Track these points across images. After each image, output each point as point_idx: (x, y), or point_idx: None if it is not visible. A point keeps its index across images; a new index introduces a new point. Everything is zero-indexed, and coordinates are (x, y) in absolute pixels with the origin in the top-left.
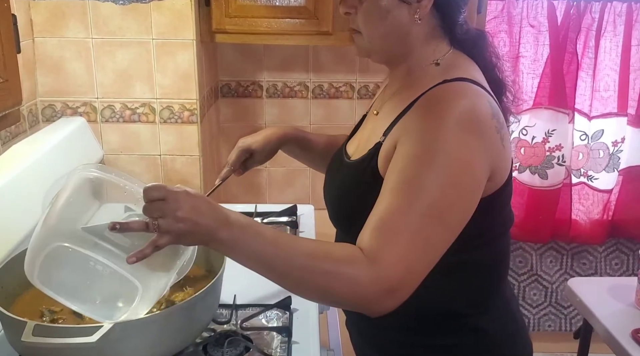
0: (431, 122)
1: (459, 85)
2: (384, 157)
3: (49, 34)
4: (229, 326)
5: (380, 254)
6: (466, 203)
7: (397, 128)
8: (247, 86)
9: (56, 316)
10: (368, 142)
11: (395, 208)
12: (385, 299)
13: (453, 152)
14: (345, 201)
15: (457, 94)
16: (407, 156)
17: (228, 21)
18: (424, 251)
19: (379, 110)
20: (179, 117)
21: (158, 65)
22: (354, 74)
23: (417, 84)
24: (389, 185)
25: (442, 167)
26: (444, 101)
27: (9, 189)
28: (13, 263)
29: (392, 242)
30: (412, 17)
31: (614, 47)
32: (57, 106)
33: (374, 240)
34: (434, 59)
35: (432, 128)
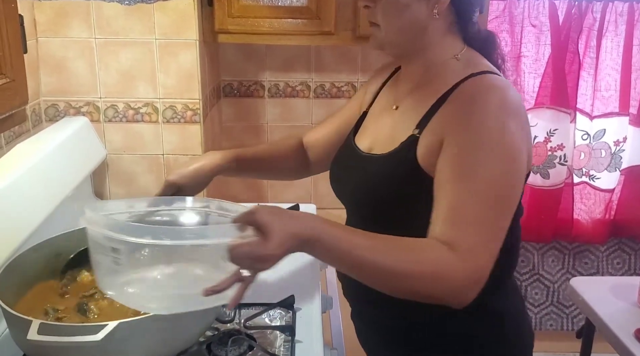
0: (476, 114)
1: (490, 77)
2: (426, 150)
3: (53, 34)
4: (233, 325)
5: (467, 247)
6: (519, 187)
7: (435, 122)
8: (249, 85)
9: (60, 315)
10: (394, 136)
11: (466, 199)
12: (474, 289)
13: (503, 139)
14: (378, 194)
15: (492, 86)
16: (463, 149)
17: (230, 21)
18: (499, 237)
19: (397, 104)
20: (182, 116)
21: (161, 65)
22: (355, 73)
23: (440, 77)
24: (448, 178)
25: (497, 155)
26: (482, 93)
27: (12, 189)
28: (17, 262)
29: (474, 233)
30: (430, 13)
31: (616, 46)
32: (60, 105)
33: (457, 234)
34: (451, 54)
35: (479, 120)
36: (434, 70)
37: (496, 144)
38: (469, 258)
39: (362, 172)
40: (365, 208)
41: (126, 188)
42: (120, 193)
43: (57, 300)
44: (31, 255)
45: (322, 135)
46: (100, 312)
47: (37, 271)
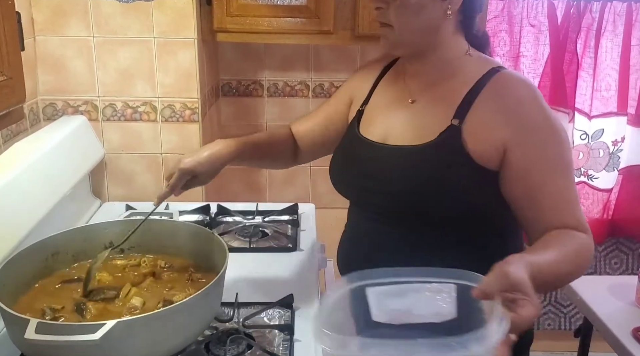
0: (534, 110)
1: (514, 71)
2: (475, 138)
3: (51, 33)
4: (231, 324)
5: (585, 224)
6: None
7: (477, 113)
8: (248, 84)
9: (58, 314)
10: (425, 127)
11: (566, 185)
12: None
13: (558, 125)
14: (427, 183)
15: (523, 80)
16: (542, 146)
17: (229, 20)
18: None
19: (413, 98)
20: (181, 116)
21: (159, 64)
22: None
23: (460, 72)
24: (543, 174)
25: (562, 140)
26: (522, 88)
27: (10, 188)
28: (15, 261)
29: (579, 210)
30: (444, 12)
31: (614, 46)
32: (58, 104)
33: (576, 217)
34: (461, 51)
35: (540, 115)
36: (450, 66)
37: (558, 130)
38: (589, 231)
39: (397, 164)
40: (406, 200)
41: (124, 187)
42: (118, 192)
43: (54, 300)
44: (29, 254)
45: (309, 127)
46: (97, 312)
47: (35, 271)
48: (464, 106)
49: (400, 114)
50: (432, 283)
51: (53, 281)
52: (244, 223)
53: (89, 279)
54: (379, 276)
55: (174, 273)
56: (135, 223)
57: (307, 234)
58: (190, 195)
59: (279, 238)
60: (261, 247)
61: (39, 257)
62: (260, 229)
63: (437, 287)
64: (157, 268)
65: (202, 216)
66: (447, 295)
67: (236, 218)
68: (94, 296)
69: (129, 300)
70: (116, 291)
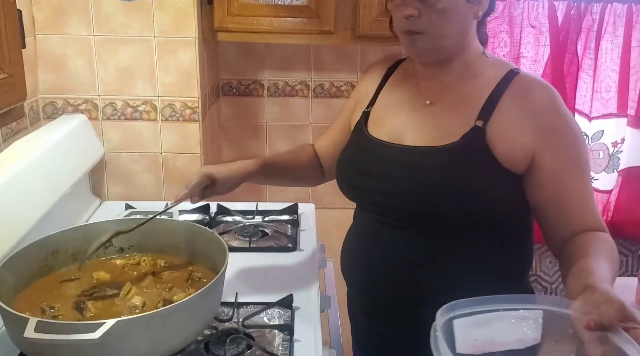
0: (558, 116)
1: (534, 75)
2: (499, 140)
3: (51, 31)
4: (231, 324)
5: (604, 226)
6: None
7: (501, 116)
8: (248, 84)
9: (56, 313)
10: (444, 128)
11: (588, 188)
12: None
13: (578, 128)
14: (453, 184)
15: (545, 83)
16: (569, 151)
17: (230, 19)
18: None
19: (431, 100)
20: (181, 115)
21: (160, 63)
22: (354, 73)
23: (480, 73)
24: (571, 177)
25: (583, 143)
26: (545, 90)
27: (9, 187)
28: (14, 260)
29: (599, 213)
30: (474, 15)
31: (615, 48)
32: (58, 103)
33: (599, 218)
34: (478, 52)
35: (564, 121)
36: (469, 68)
37: (579, 134)
38: (607, 229)
39: (418, 165)
40: (428, 201)
41: (124, 186)
42: (118, 191)
43: (53, 298)
44: (28, 253)
45: (330, 141)
46: (96, 311)
47: (34, 269)
48: (488, 108)
49: (416, 115)
50: (518, 310)
51: (53, 279)
52: (243, 223)
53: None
54: (466, 306)
55: (174, 272)
56: (134, 222)
57: (307, 234)
58: None
59: (279, 237)
60: (261, 247)
61: (39, 256)
62: (260, 229)
63: (522, 314)
64: (156, 268)
65: (202, 215)
66: (533, 321)
67: (236, 217)
68: (94, 295)
69: (129, 299)
70: (116, 290)
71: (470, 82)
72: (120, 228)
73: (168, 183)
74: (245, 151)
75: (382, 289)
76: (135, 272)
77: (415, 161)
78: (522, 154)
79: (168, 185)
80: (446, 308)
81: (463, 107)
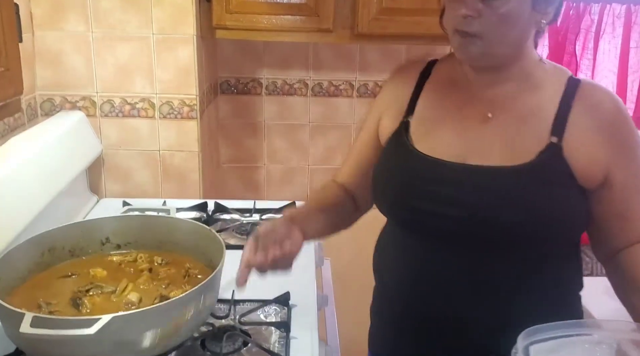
0: (626, 120)
1: (595, 82)
2: (578, 157)
3: (49, 27)
4: (228, 321)
5: None
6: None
7: (576, 130)
8: (247, 82)
9: (53, 309)
10: (515, 145)
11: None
12: None
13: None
14: (528, 211)
15: (609, 91)
16: (634, 158)
17: (229, 17)
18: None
19: (492, 113)
20: (179, 112)
21: (158, 60)
22: (353, 72)
23: (543, 83)
24: (633, 185)
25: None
26: (611, 100)
27: (6, 183)
28: (11, 256)
29: None
30: (537, 24)
31: (613, 48)
32: (56, 99)
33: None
34: (535, 58)
35: (629, 129)
36: (532, 76)
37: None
38: None
39: (487, 188)
40: (503, 227)
41: (121, 184)
42: (115, 188)
43: (50, 294)
44: (25, 249)
45: (352, 168)
46: (93, 307)
47: (31, 265)
48: (559, 122)
49: (478, 130)
50: (592, 336)
51: (49, 276)
52: (241, 221)
53: None
54: (546, 331)
55: (171, 269)
56: (133, 218)
57: None
58: (188, 192)
59: None
60: None
61: (36, 252)
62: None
63: (597, 339)
64: (153, 264)
65: (200, 213)
66: (607, 346)
67: (233, 215)
68: (90, 292)
69: (126, 295)
70: (113, 286)
71: (534, 94)
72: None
73: (165, 180)
74: (243, 150)
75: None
76: (132, 269)
77: (487, 183)
78: (598, 170)
79: (165, 182)
80: (527, 333)
81: (531, 122)
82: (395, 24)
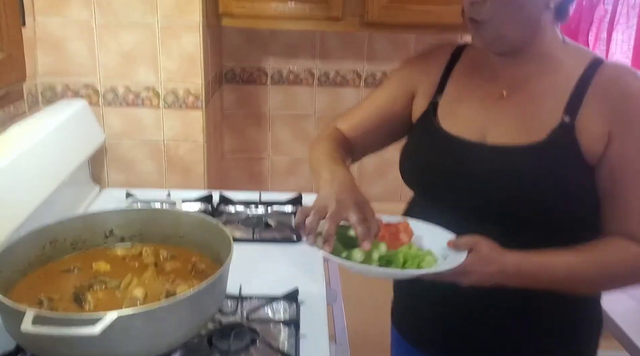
0: (635, 98)
1: (620, 64)
2: (589, 137)
3: (51, 13)
4: (235, 318)
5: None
6: None
7: (590, 109)
8: (252, 72)
9: (55, 305)
10: (528, 124)
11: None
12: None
13: None
14: (541, 187)
15: (634, 73)
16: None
17: (235, 4)
18: None
19: (507, 91)
20: (184, 102)
21: (163, 48)
22: (361, 61)
23: (562, 65)
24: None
25: None
26: (634, 81)
27: (6, 173)
28: (11, 249)
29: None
30: (545, 4)
31: (627, 39)
32: (57, 87)
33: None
34: (558, 40)
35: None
36: (549, 59)
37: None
38: None
39: (501, 166)
40: (516, 205)
41: (125, 174)
42: (118, 179)
43: (52, 289)
44: (26, 242)
45: (360, 120)
46: (96, 303)
47: (32, 259)
48: (574, 102)
49: (496, 110)
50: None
51: (51, 269)
52: (247, 213)
53: None
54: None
55: (177, 263)
56: (138, 211)
57: None
58: (192, 183)
59: (283, 229)
60: (265, 238)
61: (37, 245)
62: (264, 220)
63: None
64: (159, 259)
65: (205, 205)
66: None
67: (239, 207)
68: (93, 287)
69: (131, 291)
70: (117, 281)
71: (552, 74)
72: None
73: (170, 171)
74: (247, 140)
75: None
76: (136, 263)
77: (501, 161)
78: (601, 144)
79: (170, 173)
80: None
81: (547, 101)
82: (405, 12)
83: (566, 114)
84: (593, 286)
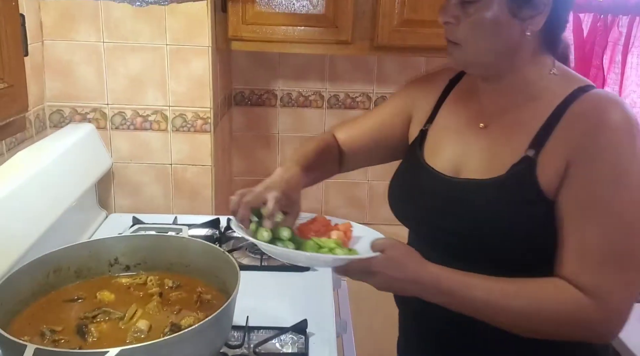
0: (604, 141)
1: (602, 92)
2: (550, 173)
3: (59, 37)
4: (242, 350)
5: (602, 291)
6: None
7: (555, 143)
8: (261, 94)
9: (57, 337)
10: (495, 158)
11: (598, 236)
12: (615, 329)
13: (634, 167)
14: (497, 225)
15: (613, 104)
16: (593, 180)
17: (245, 28)
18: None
19: (485, 123)
20: (192, 125)
21: (171, 71)
22: (371, 84)
23: (543, 94)
24: (578, 212)
25: (629, 185)
26: (606, 112)
27: (12, 199)
28: (14, 279)
29: (608, 274)
30: (521, 33)
31: None
32: (65, 111)
33: (590, 277)
34: (546, 70)
35: (609, 144)
36: (532, 87)
37: (627, 173)
38: (605, 302)
39: (464, 202)
40: (475, 242)
41: (132, 198)
42: (125, 203)
43: (54, 320)
44: (29, 271)
45: (357, 134)
46: (99, 336)
47: (35, 288)
48: (542, 134)
49: (472, 142)
50: None
51: (54, 299)
52: None
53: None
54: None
55: (182, 293)
56: (143, 238)
57: None
58: (199, 207)
59: None
60: (273, 265)
61: (40, 274)
62: None
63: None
64: (164, 288)
65: (212, 230)
66: None
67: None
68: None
69: (135, 322)
70: (121, 312)
71: (530, 104)
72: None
73: (177, 195)
74: (256, 163)
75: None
76: (141, 292)
77: (465, 197)
78: (560, 177)
79: (177, 197)
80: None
81: (516, 133)
82: (415, 35)
83: (531, 147)
84: (517, 320)
